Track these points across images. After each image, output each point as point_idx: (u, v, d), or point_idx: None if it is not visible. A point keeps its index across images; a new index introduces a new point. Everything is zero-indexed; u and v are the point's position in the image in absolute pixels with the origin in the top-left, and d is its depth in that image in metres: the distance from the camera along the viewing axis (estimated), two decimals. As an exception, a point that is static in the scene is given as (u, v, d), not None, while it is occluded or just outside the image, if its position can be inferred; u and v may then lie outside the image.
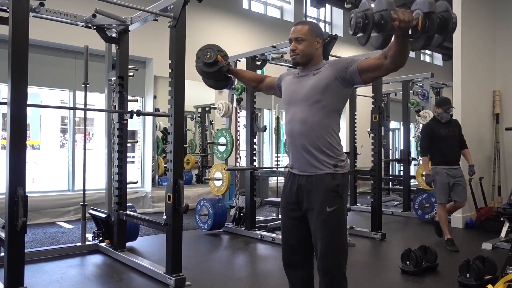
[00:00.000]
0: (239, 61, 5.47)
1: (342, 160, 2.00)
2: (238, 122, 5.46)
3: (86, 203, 4.29)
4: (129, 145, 5.23)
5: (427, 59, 14.66)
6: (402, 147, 7.45)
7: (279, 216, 5.22)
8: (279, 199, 2.28)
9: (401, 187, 7.33)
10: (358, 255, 4.25)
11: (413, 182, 7.10)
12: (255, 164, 5.30)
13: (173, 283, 3.14)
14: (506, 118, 6.36)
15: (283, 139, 7.67)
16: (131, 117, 4.15)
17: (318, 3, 9.12)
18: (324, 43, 2.15)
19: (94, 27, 3.98)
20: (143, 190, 6.99)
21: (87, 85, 4.25)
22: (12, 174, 2.66)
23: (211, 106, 8.05)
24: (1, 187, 2.85)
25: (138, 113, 4.06)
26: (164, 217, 3.27)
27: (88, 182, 4.48)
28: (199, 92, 7.64)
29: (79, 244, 4.21)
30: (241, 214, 5.25)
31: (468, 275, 3.21)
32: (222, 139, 5.41)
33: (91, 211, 4.37)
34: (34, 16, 3.53)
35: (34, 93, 8.61)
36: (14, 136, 2.68)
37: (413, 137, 7.41)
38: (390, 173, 9.35)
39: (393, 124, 11.01)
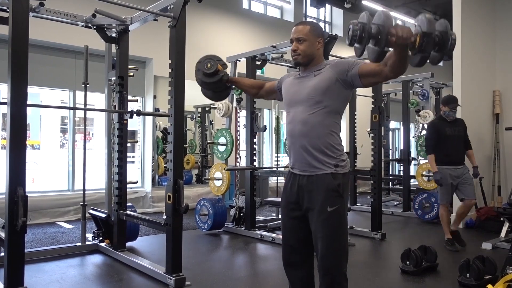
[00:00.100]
0: (239, 61, 5.47)
1: (343, 160, 2.00)
2: (238, 122, 5.45)
3: (86, 203, 4.29)
4: (129, 145, 5.23)
5: (427, 59, 14.64)
6: (402, 147, 7.45)
7: (279, 216, 5.24)
8: (279, 199, 2.29)
9: (401, 187, 7.34)
10: (358, 255, 4.25)
11: (413, 182, 7.10)
12: (255, 164, 5.30)
13: (173, 283, 3.14)
14: (506, 118, 6.37)
15: (283, 139, 7.67)
16: (131, 117, 4.15)
17: (318, 3, 9.11)
18: (324, 43, 2.15)
19: (94, 27, 3.98)
20: (143, 190, 6.99)
21: (87, 85, 4.25)
22: (12, 174, 2.66)
23: (211, 106, 8.05)
24: (1, 187, 2.85)
25: (138, 113, 4.06)
26: (164, 217, 3.27)
27: (88, 182, 4.48)
28: (199, 92, 7.56)
29: (79, 244, 4.21)
30: (241, 214, 5.25)
31: (468, 275, 3.21)
32: (222, 139, 5.41)
33: (91, 211, 4.37)
34: (34, 16, 3.53)
35: (34, 93, 8.61)
36: (14, 136, 2.68)
37: (413, 137, 7.41)
38: (390, 173, 9.35)
39: (393, 124, 11.01)
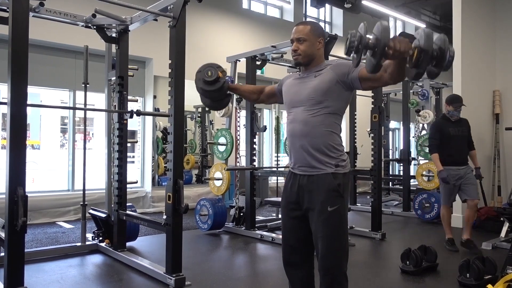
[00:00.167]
0: (239, 61, 5.47)
1: (344, 160, 2.00)
2: (238, 122, 5.45)
3: (86, 203, 4.29)
4: (129, 145, 5.23)
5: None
6: (402, 147, 7.45)
7: (279, 216, 5.24)
8: (279, 199, 2.29)
9: (401, 187, 7.33)
10: (358, 255, 4.25)
11: (413, 182, 7.10)
12: (255, 164, 5.30)
13: (173, 283, 3.14)
14: (506, 118, 6.37)
15: (283, 139, 7.67)
16: (131, 117, 4.15)
17: (318, 3, 9.10)
18: (324, 43, 2.16)
19: (94, 27, 3.98)
20: (143, 190, 6.99)
21: (87, 85, 4.25)
22: (12, 174, 2.66)
23: (211, 106, 8.02)
24: (1, 187, 2.85)
25: (138, 113, 4.06)
26: (164, 217, 3.27)
27: (88, 182, 4.49)
28: (199, 92, 7.62)
29: (79, 244, 4.21)
30: (241, 214, 5.25)
31: (468, 275, 3.21)
32: (222, 139, 5.41)
33: (91, 211, 4.37)
34: (34, 16, 3.53)
35: (34, 93, 8.61)
36: (14, 136, 2.68)
37: (413, 137, 7.41)
38: (390, 173, 9.35)
39: (393, 124, 11.01)
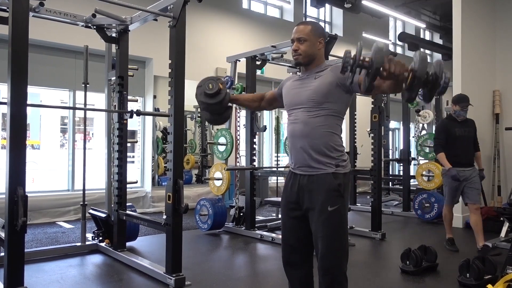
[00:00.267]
0: (239, 61, 5.46)
1: (344, 160, 2.01)
2: (238, 122, 5.46)
3: (86, 203, 4.29)
4: (129, 145, 5.23)
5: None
6: (402, 147, 7.45)
7: (279, 216, 5.23)
8: (279, 199, 2.29)
9: (401, 187, 7.34)
10: (358, 255, 4.25)
11: (413, 182, 7.10)
12: (255, 164, 5.30)
13: (173, 283, 3.14)
14: (506, 118, 6.37)
15: (283, 139, 7.67)
16: (131, 117, 4.15)
17: (318, 3, 9.10)
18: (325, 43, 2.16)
19: (94, 27, 3.98)
20: (143, 190, 6.99)
21: (87, 85, 4.26)
22: (12, 174, 2.66)
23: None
24: (1, 187, 2.85)
25: (138, 113, 4.06)
26: (164, 217, 3.27)
27: (88, 182, 4.49)
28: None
29: (79, 244, 4.21)
30: (241, 214, 5.25)
31: (468, 275, 3.21)
32: (222, 139, 5.41)
33: (91, 211, 4.37)
34: (34, 16, 3.53)
35: (34, 93, 8.61)
36: (14, 136, 2.68)
37: (413, 137, 7.41)
38: (390, 173, 9.36)
39: (393, 124, 11.02)
